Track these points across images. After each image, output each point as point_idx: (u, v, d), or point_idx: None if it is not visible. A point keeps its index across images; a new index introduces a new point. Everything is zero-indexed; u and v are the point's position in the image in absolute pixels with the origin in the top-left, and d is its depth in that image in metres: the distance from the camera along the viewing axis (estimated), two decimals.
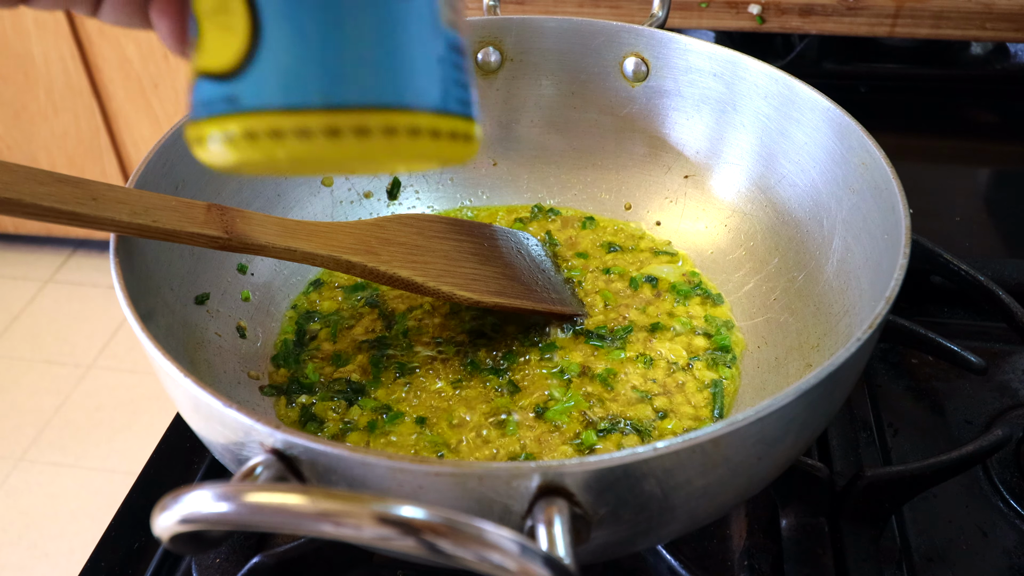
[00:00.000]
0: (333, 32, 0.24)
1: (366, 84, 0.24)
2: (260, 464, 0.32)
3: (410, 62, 0.25)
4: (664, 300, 0.61)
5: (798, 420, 0.37)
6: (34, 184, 0.40)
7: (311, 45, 0.24)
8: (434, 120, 0.26)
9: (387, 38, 0.25)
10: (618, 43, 0.65)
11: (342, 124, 0.24)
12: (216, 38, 0.26)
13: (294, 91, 0.24)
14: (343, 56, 0.24)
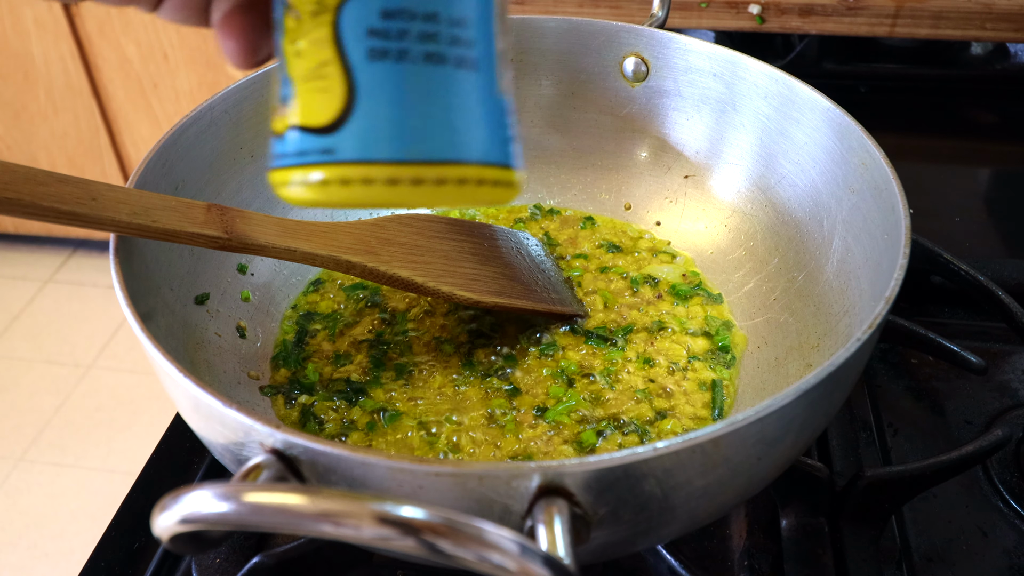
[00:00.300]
0: (416, 100, 0.29)
1: (444, 143, 0.30)
2: (260, 464, 0.32)
3: (476, 125, 0.31)
4: (664, 300, 0.61)
5: (798, 420, 0.37)
6: (34, 184, 0.40)
7: (398, 109, 0.29)
8: (492, 171, 0.31)
9: (458, 105, 0.30)
10: (618, 43, 0.65)
11: (425, 175, 0.29)
12: (312, 98, 0.30)
13: (383, 147, 0.29)
14: (424, 119, 0.29)
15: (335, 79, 0.30)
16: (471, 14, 0.30)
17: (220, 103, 0.56)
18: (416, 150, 0.29)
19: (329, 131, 0.30)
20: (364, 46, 0.29)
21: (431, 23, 0.29)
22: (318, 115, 0.30)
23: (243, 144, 0.59)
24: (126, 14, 1.66)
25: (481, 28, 0.31)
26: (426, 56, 0.29)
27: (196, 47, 1.69)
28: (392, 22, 0.29)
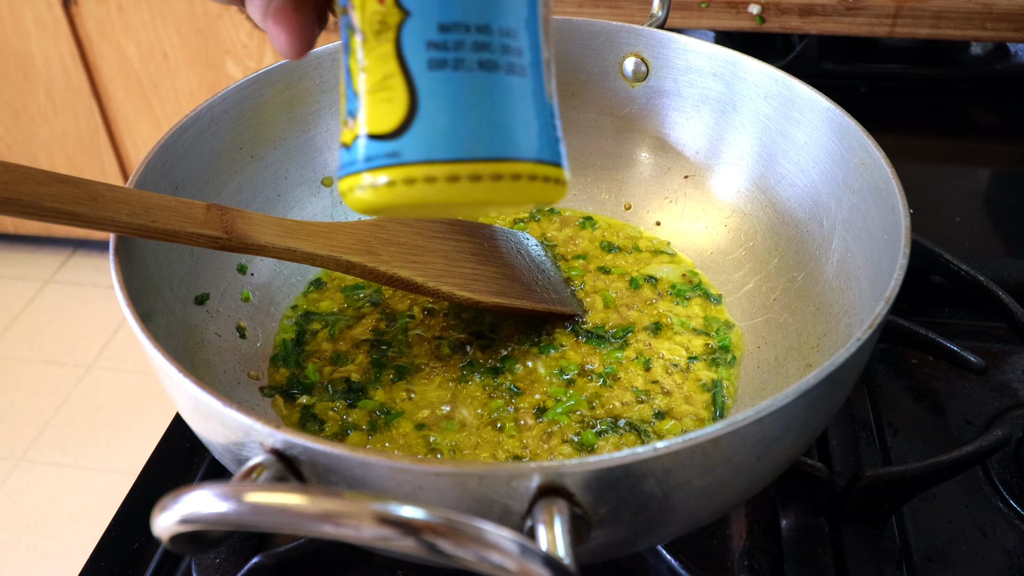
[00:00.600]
0: (472, 103, 0.32)
1: (498, 141, 0.33)
2: (260, 464, 0.32)
3: (527, 125, 0.34)
4: (664, 300, 0.61)
5: (798, 420, 0.37)
6: (34, 184, 0.40)
7: (456, 113, 0.32)
8: (544, 168, 0.34)
9: (510, 107, 0.33)
10: (618, 43, 0.65)
11: (482, 172, 0.32)
12: (378, 108, 0.33)
13: (445, 148, 0.32)
14: (480, 120, 0.32)
15: (398, 89, 0.32)
16: (519, 25, 0.33)
17: (220, 103, 0.56)
18: (474, 148, 0.32)
19: (394, 136, 0.33)
20: (424, 57, 0.32)
21: (484, 34, 0.32)
22: (384, 122, 0.33)
23: (243, 144, 0.59)
24: (126, 14, 1.66)
25: (529, 37, 0.34)
26: (480, 64, 0.32)
27: (196, 47, 1.69)
28: (448, 34, 0.32)
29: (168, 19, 1.66)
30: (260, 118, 0.59)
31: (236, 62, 1.71)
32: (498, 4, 0.33)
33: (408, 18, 0.32)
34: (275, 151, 0.62)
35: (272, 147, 0.61)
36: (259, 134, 0.60)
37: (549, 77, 0.35)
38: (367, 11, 0.33)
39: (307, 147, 0.64)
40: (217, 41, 1.68)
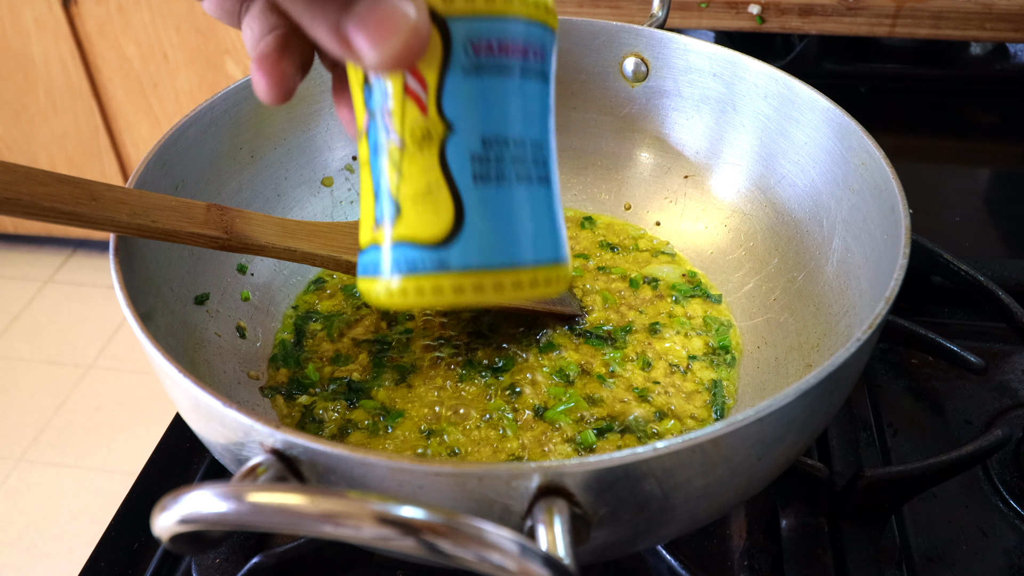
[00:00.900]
0: (513, 214, 0.34)
1: (537, 248, 0.35)
2: (260, 464, 0.32)
3: (557, 227, 0.36)
4: (664, 300, 0.61)
5: (798, 420, 0.37)
6: (34, 184, 0.40)
7: (501, 224, 0.34)
8: (559, 270, 0.37)
9: (542, 214, 0.35)
10: (618, 43, 0.65)
11: (522, 279, 0.34)
12: (422, 217, 0.34)
13: (490, 257, 0.34)
14: (521, 230, 0.34)
15: (444, 200, 0.33)
16: (545, 135, 0.35)
17: (220, 103, 0.56)
18: (517, 258, 0.34)
19: (441, 245, 0.34)
20: (468, 170, 0.33)
21: (519, 147, 0.34)
22: (429, 232, 0.34)
23: (243, 144, 0.59)
24: (126, 14, 1.67)
25: (549, 147, 0.36)
26: (518, 176, 0.34)
27: (196, 47, 1.70)
28: (490, 149, 0.33)
29: (168, 19, 1.67)
30: (260, 118, 0.59)
31: (236, 62, 1.71)
32: (530, 119, 0.34)
33: (453, 132, 0.33)
34: (275, 151, 0.62)
35: (272, 147, 0.61)
36: (259, 134, 0.60)
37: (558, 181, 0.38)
38: (408, 121, 0.33)
39: (307, 147, 0.64)
40: (217, 41, 1.68)
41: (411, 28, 0.30)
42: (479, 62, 0.32)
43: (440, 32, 0.32)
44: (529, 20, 0.33)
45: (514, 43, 0.33)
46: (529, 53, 0.34)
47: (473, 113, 0.33)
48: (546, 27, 0.34)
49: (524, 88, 0.34)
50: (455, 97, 0.33)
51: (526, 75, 0.34)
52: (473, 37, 0.32)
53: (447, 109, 0.33)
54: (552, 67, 0.36)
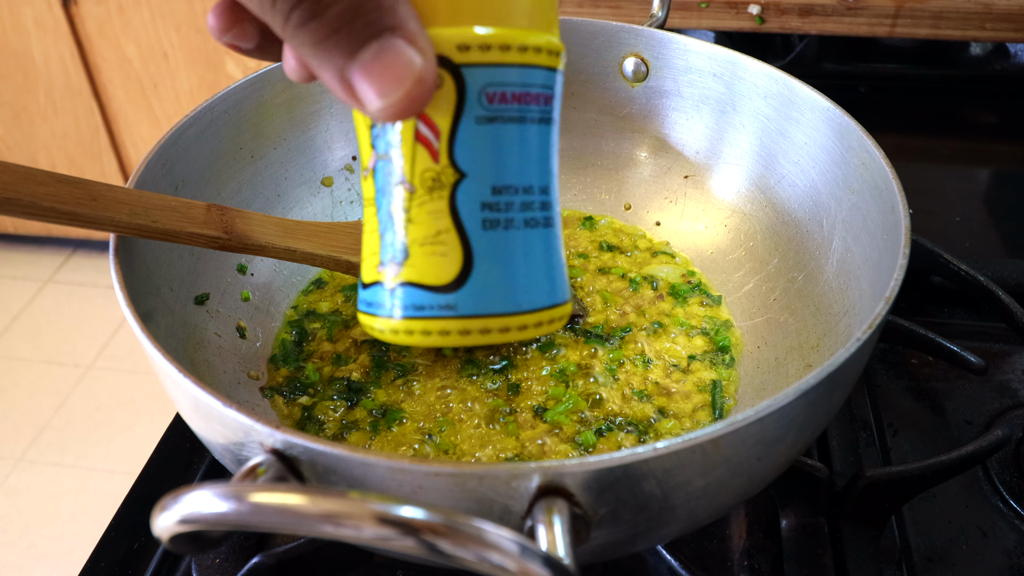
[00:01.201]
0: (521, 261, 0.34)
1: (544, 293, 0.35)
2: (260, 464, 0.32)
3: (560, 272, 0.37)
4: (664, 300, 0.61)
5: (798, 420, 0.37)
6: (33, 184, 0.40)
7: (509, 271, 0.34)
8: (563, 310, 0.38)
9: (549, 259, 0.36)
10: (618, 43, 0.65)
11: (528, 322, 0.35)
12: (431, 261, 0.34)
13: (500, 303, 0.34)
14: (528, 276, 0.35)
15: (453, 245, 0.34)
16: (550, 181, 0.36)
17: (220, 103, 0.56)
18: (523, 303, 0.35)
19: (449, 290, 0.34)
20: (479, 217, 0.33)
21: (527, 194, 0.34)
22: (438, 276, 0.34)
23: (243, 144, 0.59)
24: (126, 14, 1.67)
25: (554, 191, 0.36)
26: (525, 222, 0.34)
27: (196, 47, 1.70)
28: (500, 196, 0.34)
29: (168, 19, 1.67)
30: (260, 118, 0.59)
31: (236, 62, 1.71)
32: (539, 165, 0.35)
33: (464, 179, 0.33)
34: (275, 151, 0.62)
35: (272, 147, 0.61)
36: (259, 134, 0.60)
37: None
38: (419, 166, 0.33)
39: (307, 147, 0.64)
40: (217, 41, 1.68)
41: (415, 78, 0.29)
42: (493, 111, 0.33)
43: (455, 80, 0.32)
44: (541, 68, 0.34)
45: (527, 92, 0.33)
46: (540, 99, 0.34)
47: (486, 161, 0.33)
48: (554, 71, 0.35)
49: (534, 134, 0.34)
50: (468, 145, 0.33)
51: (536, 121, 0.34)
52: (488, 87, 0.32)
53: (459, 157, 0.33)
54: (558, 107, 0.36)
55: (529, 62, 0.33)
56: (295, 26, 0.28)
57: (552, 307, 0.36)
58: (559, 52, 0.35)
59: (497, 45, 0.32)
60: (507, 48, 0.32)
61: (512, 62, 0.32)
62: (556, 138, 0.36)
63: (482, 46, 0.32)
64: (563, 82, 0.36)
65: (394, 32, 0.29)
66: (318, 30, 0.28)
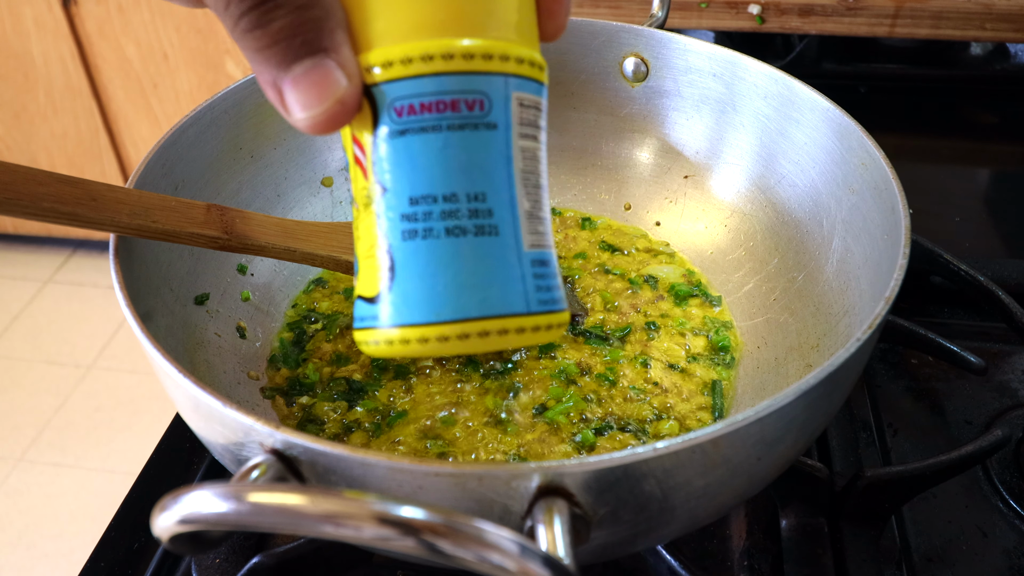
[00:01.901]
0: (440, 270, 0.34)
1: (465, 305, 0.34)
2: (260, 464, 0.32)
3: (497, 283, 0.35)
4: (663, 300, 0.61)
5: (798, 420, 0.37)
6: (33, 184, 0.40)
7: (426, 280, 0.34)
8: (520, 321, 0.35)
9: (479, 269, 0.34)
10: (618, 43, 0.65)
11: (448, 333, 0.34)
12: (367, 274, 0.36)
13: (412, 313, 0.34)
14: (447, 286, 0.34)
15: (379, 258, 0.35)
16: (488, 187, 0.34)
17: (220, 103, 0.56)
18: (441, 312, 0.34)
19: (375, 301, 0.35)
20: (399, 229, 0.34)
21: (450, 202, 0.34)
22: (370, 287, 0.36)
23: (243, 144, 0.59)
24: (126, 14, 1.67)
25: (499, 198, 0.35)
26: (447, 231, 0.34)
27: (196, 47, 1.70)
28: (418, 206, 0.34)
29: (168, 19, 1.67)
30: (260, 118, 0.59)
31: (236, 62, 1.71)
32: (464, 172, 0.34)
33: (384, 193, 0.34)
34: (275, 151, 0.62)
35: (272, 147, 0.61)
36: (259, 134, 0.60)
37: (532, 228, 0.36)
38: (357, 186, 0.36)
39: (307, 147, 0.64)
40: (217, 41, 1.68)
41: (337, 98, 0.32)
42: (402, 123, 0.33)
43: (368, 100, 0.33)
44: (456, 74, 0.33)
45: (439, 100, 0.33)
46: (460, 106, 0.34)
47: (401, 173, 0.34)
48: (479, 75, 0.34)
49: (456, 141, 0.34)
50: (385, 159, 0.34)
51: (458, 128, 0.34)
52: (395, 101, 0.33)
53: (378, 173, 0.34)
54: (507, 112, 0.35)
55: (434, 71, 0.33)
56: (242, 30, 0.31)
57: (485, 318, 0.35)
58: (484, 54, 0.34)
59: (398, 59, 0.33)
60: (408, 61, 0.33)
61: (413, 74, 0.33)
62: (500, 144, 0.35)
63: (384, 63, 0.33)
64: (511, 83, 0.35)
65: (327, 53, 0.32)
66: (261, 39, 0.31)
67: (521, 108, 0.35)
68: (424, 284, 0.34)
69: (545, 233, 0.37)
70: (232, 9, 0.31)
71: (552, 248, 0.38)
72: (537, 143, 0.36)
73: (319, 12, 0.31)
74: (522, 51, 0.35)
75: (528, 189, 0.36)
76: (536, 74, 0.36)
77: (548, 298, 0.36)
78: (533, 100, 0.36)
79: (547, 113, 0.38)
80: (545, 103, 0.37)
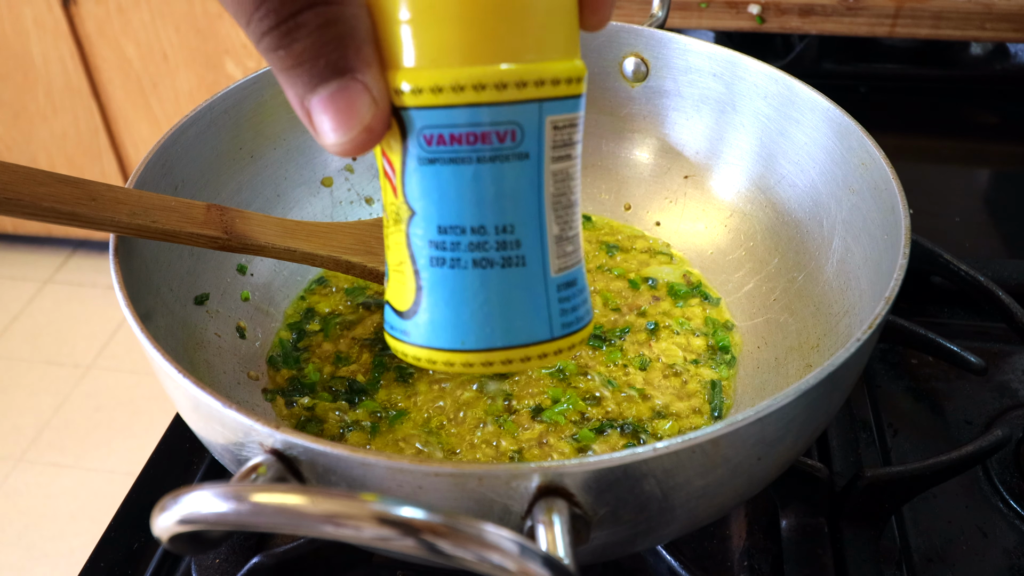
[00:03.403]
0: (466, 300, 0.35)
1: (490, 336, 0.35)
2: (260, 464, 0.32)
3: (523, 316, 0.35)
4: (663, 300, 0.61)
5: (798, 420, 0.37)
6: (33, 184, 0.40)
7: (453, 309, 0.35)
8: (543, 347, 0.36)
9: (505, 301, 0.35)
10: (618, 43, 0.65)
11: (474, 360, 0.35)
12: (396, 286, 0.36)
13: (440, 338, 0.35)
14: (473, 316, 0.35)
15: (409, 275, 0.35)
16: (518, 219, 0.34)
17: (220, 103, 0.56)
18: (466, 341, 0.35)
19: (405, 316, 0.36)
20: (427, 254, 0.34)
21: (479, 234, 0.34)
22: (399, 301, 0.36)
23: (243, 144, 0.59)
24: (126, 14, 1.67)
25: (528, 227, 0.35)
26: (475, 262, 0.34)
27: (196, 47, 1.70)
28: (446, 236, 0.34)
29: (168, 19, 1.66)
30: (260, 118, 0.59)
31: (236, 62, 1.71)
32: (494, 205, 0.34)
33: (414, 216, 0.34)
34: (275, 151, 0.62)
35: (272, 147, 0.61)
36: (259, 134, 0.60)
37: (561, 251, 0.36)
38: (387, 199, 0.36)
39: (307, 147, 0.64)
40: (217, 41, 1.68)
41: (365, 125, 0.31)
42: (432, 153, 0.33)
43: (398, 122, 0.33)
44: (488, 106, 0.32)
45: (472, 132, 0.32)
46: (491, 138, 0.32)
47: (430, 201, 0.33)
48: (513, 105, 0.33)
49: (487, 174, 0.33)
50: (414, 184, 0.34)
51: (489, 160, 0.33)
52: (424, 129, 0.32)
53: (409, 194, 0.34)
54: (540, 139, 0.33)
55: (466, 102, 0.32)
56: (265, 48, 0.30)
57: (510, 348, 0.35)
58: (517, 82, 0.32)
59: (428, 87, 0.31)
60: (438, 90, 0.32)
61: (445, 104, 0.32)
62: (532, 174, 0.34)
63: (414, 89, 0.32)
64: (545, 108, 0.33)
65: (354, 74, 0.30)
66: (285, 59, 0.30)
67: (555, 131, 0.34)
68: (450, 312, 0.35)
69: (574, 252, 0.37)
70: (254, 27, 0.30)
71: (581, 262, 0.38)
72: (571, 161, 0.36)
73: (343, 29, 0.30)
74: (558, 69, 0.33)
75: (559, 212, 0.35)
76: (573, 90, 0.34)
77: (572, 319, 0.37)
78: (568, 119, 0.34)
79: (584, 118, 0.37)
80: (582, 114, 0.36)
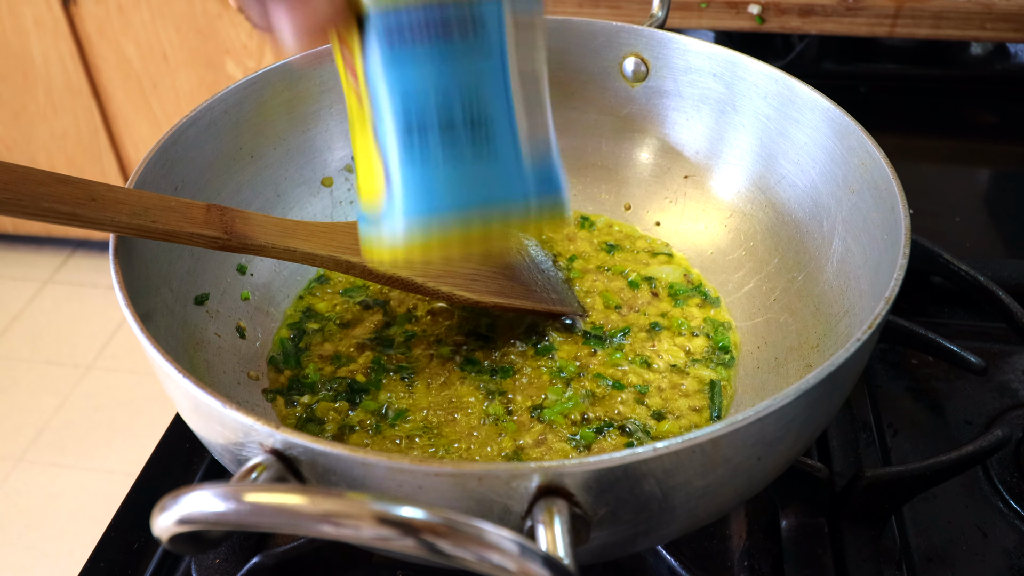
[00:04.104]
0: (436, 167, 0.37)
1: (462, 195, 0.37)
2: (260, 464, 0.32)
3: (495, 175, 0.37)
4: (663, 300, 0.61)
5: (798, 420, 0.37)
6: (33, 184, 0.40)
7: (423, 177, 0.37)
8: (519, 205, 0.38)
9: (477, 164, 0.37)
10: (618, 43, 0.65)
11: (451, 226, 0.37)
12: (366, 182, 0.38)
13: (412, 209, 0.36)
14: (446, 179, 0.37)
15: (376, 165, 0.37)
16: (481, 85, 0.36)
17: (220, 103, 0.56)
18: (441, 205, 0.36)
19: (378, 210, 0.38)
20: (396, 137, 0.36)
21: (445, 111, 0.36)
22: (370, 195, 0.38)
23: (243, 144, 0.59)
24: (126, 14, 1.66)
25: (494, 92, 0.37)
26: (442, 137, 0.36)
27: (196, 47, 1.69)
28: (412, 116, 0.36)
29: (168, 19, 1.66)
30: (260, 118, 0.59)
31: (236, 62, 1.71)
32: (460, 77, 0.36)
33: (377, 104, 0.36)
34: (275, 151, 0.62)
35: (272, 147, 0.61)
36: (259, 134, 0.60)
37: (534, 121, 0.39)
38: (350, 99, 0.38)
39: (307, 147, 0.64)
40: (217, 41, 1.68)
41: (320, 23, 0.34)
42: (395, 43, 0.35)
43: (357, 21, 0.36)
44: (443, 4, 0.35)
45: (427, 26, 0.35)
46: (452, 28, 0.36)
47: (394, 83, 0.36)
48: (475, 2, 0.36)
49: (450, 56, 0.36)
50: (373, 75, 0.36)
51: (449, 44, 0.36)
52: (387, 26, 0.35)
53: (370, 85, 0.36)
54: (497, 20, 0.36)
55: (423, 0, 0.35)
56: None
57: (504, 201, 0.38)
58: None
59: None
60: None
61: (405, 3, 0.35)
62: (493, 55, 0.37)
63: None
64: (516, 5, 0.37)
65: None
66: None
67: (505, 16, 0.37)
68: (422, 181, 0.36)
69: (541, 126, 0.40)
70: None
71: (550, 137, 0.41)
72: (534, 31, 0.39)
73: None
74: None
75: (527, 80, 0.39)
76: None
77: (546, 180, 0.39)
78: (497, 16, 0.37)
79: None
80: None
